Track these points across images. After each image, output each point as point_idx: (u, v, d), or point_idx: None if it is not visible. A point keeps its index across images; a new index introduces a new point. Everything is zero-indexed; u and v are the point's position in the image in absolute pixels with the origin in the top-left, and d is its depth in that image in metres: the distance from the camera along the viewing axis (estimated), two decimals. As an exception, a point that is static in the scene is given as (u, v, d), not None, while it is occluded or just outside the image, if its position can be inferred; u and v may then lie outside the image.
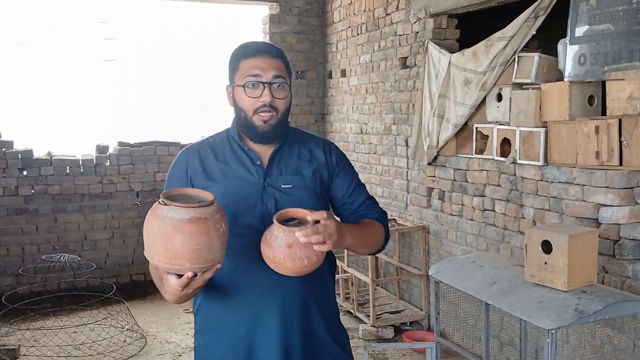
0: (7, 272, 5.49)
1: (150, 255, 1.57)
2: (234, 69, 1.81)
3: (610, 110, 3.05)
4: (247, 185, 1.79)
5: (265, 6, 6.48)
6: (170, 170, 1.89)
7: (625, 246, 2.91)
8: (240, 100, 1.78)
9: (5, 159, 5.47)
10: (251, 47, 1.81)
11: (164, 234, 1.53)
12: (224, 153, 1.84)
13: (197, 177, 1.81)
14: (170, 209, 1.56)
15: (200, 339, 1.89)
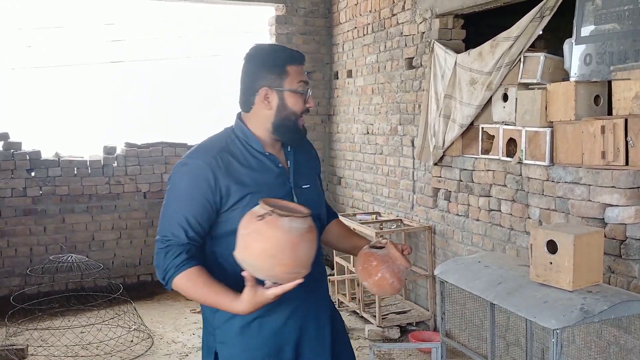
0: (15, 272, 5.53)
1: (268, 268, 1.58)
2: (280, 73, 1.81)
3: (616, 110, 3.04)
4: (279, 188, 1.84)
5: (272, 7, 6.50)
6: (184, 178, 1.80)
7: (631, 246, 2.91)
8: (293, 104, 1.82)
9: (13, 160, 5.52)
10: (295, 53, 1.87)
11: (291, 244, 1.57)
12: (246, 159, 1.83)
13: (230, 186, 1.77)
14: (291, 220, 1.59)
15: (229, 350, 1.84)
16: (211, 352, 1.88)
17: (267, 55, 1.85)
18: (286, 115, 1.83)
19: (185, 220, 1.75)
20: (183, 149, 6.12)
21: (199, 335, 4.69)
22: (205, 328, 1.94)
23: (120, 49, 6.75)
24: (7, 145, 5.55)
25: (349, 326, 4.75)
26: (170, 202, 1.81)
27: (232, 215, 1.77)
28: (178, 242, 1.74)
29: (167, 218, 1.79)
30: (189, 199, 1.76)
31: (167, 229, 1.77)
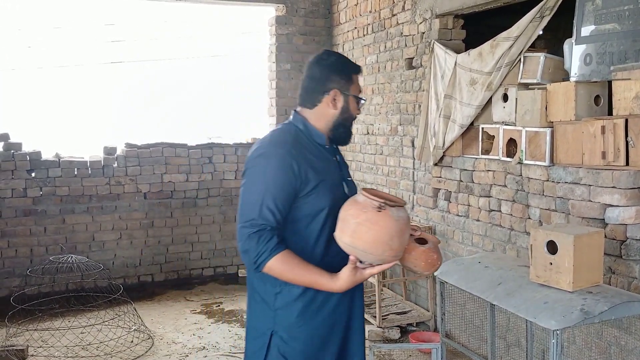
0: (16, 273, 5.53)
1: (379, 253, 1.78)
2: (348, 79, 2.05)
3: (617, 110, 3.03)
4: (338, 177, 2.08)
5: (272, 7, 6.50)
6: (268, 166, 1.93)
7: (631, 247, 2.90)
8: (353, 109, 2.08)
9: (13, 160, 5.51)
10: (354, 63, 2.10)
11: (400, 231, 1.79)
12: (313, 151, 2.03)
13: (308, 173, 1.95)
14: (397, 210, 1.80)
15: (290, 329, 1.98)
16: (266, 333, 2.00)
17: (338, 61, 2.07)
18: (346, 117, 2.07)
19: (274, 205, 1.89)
20: (183, 149, 6.12)
21: (199, 336, 4.69)
22: (259, 312, 2.04)
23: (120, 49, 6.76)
24: (7, 145, 5.55)
25: (349, 327, 4.75)
26: (254, 189, 1.92)
27: (307, 200, 1.95)
28: (267, 226, 1.88)
29: (253, 204, 1.90)
30: (275, 185, 1.90)
31: (254, 213, 1.89)
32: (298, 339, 1.99)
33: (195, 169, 6.18)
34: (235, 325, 4.92)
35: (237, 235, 1.92)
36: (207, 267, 6.31)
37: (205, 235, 6.27)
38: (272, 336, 1.99)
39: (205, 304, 5.50)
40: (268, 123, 6.76)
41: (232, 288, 6.00)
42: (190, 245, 6.22)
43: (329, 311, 2.02)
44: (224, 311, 5.29)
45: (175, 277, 6.16)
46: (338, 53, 2.16)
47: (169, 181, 6.08)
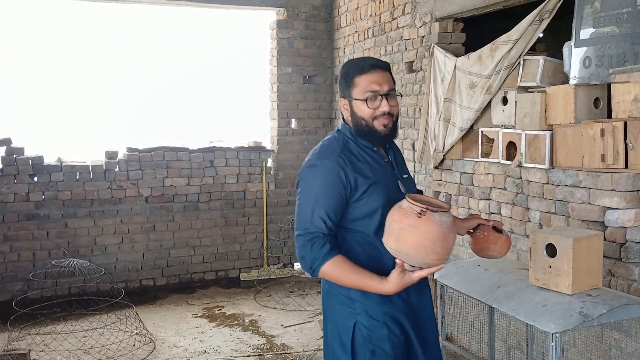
0: (18, 277, 5.55)
1: (422, 256, 1.85)
2: (349, 85, 2.12)
3: (616, 113, 3.04)
4: (390, 178, 2.14)
5: (273, 11, 6.52)
6: (317, 177, 2.04)
7: (631, 249, 2.90)
8: (361, 111, 2.10)
9: (16, 165, 5.54)
10: (364, 63, 2.13)
11: (443, 235, 1.85)
12: (362, 155, 2.12)
13: (357, 180, 2.04)
14: (440, 215, 1.86)
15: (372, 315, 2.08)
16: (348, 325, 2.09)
17: (343, 70, 2.16)
18: (357, 121, 2.12)
19: (325, 214, 2.01)
20: (185, 153, 6.14)
21: (200, 340, 4.70)
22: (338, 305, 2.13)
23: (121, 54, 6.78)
24: (9, 150, 5.57)
25: (350, 330, 4.75)
26: (306, 199, 2.05)
27: (358, 205, 2.06)
28: (320, 233, 2.00)
29: (306, 213, 2.03)
30: (325, 194, 2.02)
31: (308, 222, 2.02)
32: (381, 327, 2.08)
33: (197, 173, 6.20)
34: (237, 329, 4.92)
35: (295, 242, 2.07)
36: (209, 271, 6.33)
37: (207, 239, 6.29)
38: (355, 326, 2.09)
39: (207, 307, 5.51)
40: (269, 126, 6.77)
41: (234, 292, 6.01)
42: (191, 249, 6.24)
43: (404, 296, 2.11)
44: (225, 315, 5.30)
45: (176, 281, 6.17)
46: (350, 60, 2.19)
47: (170, 185, 6.09)
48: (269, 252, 6.53)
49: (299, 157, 6.65)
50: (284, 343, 4.61)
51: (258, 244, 6.51)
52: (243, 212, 6.43)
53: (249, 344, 4.59)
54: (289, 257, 6.63)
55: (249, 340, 4.67)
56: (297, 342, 4.63)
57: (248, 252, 6.49)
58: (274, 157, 6.60)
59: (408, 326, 2.12)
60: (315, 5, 6.54)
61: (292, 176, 6.63)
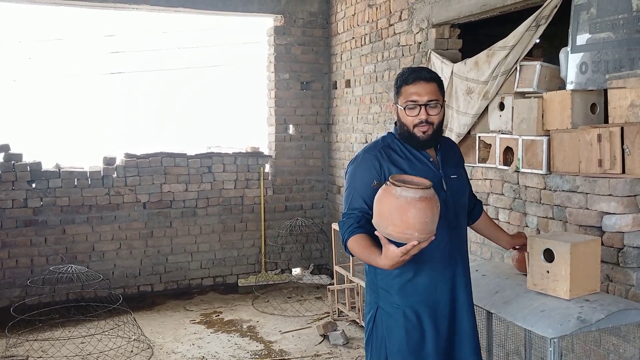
0: (16, 283, 5.54)
1: (384, 226, 2.00)
2: (397, 93, 2.34)
3: (612, 118, 3.05)
4: (431, 175, 2.28)
5: (270, 18, 6.54)
6: (357, 168, 2.32)
7: (629, 254, 2.91)
8: (403, 117, 2.31)
9: (14, 171, 5.54)
10: (410, 75, 2.31)
11: (400, 208, 1.96)
12: (405, 153, 2.34)
13: (391, 170, 2.27)
14: (403, 190, 1.99)
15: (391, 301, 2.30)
16: (373, 307, 2.37)
17: (396, 77, 2.36)
18: (401, 125, 2.34)
19: (360, 199, 2.26)
20: (182, 159, 6.15)
21: (198, 346, 4.69)
22: (369, 288, 2.41)
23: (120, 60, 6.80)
24: (8, 156, 5.57)
25: (349, 336, 4.75)
26: (348, 187, 2.33)
27: None
28: (354, 214, 2.25)
29: (346, 200, 2.32)
30: (362, 183, 2.27)
31: (346, 207, 2.30)
32: (399, 314, 2.30)
33: (195, 179, 6.20)
34: (235, 335, 4.92)
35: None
36: (207, 277, 6.32)
37: (205, 244, 6.28)
38: (377, 310, 2.35)
39: (205, 313, 5.50)
40: (267, 132, 6.78)
41: (232, 298, 6.00)
42: (189, 255, 6.23)
43: (423, 290, 2.30)
44: (223, 321, 5.29)
45: (174, 287, 6.16)
46: (406, 69, 2.37)
47: (168, 191, 6.09)
48: (267, 258, 6.53)
49: (296, 162, 6.66)
50: (282, 349, 4.60)
51: (256, 249, 6.51)
52: (241, 217, 6.43)
53: (247, 350, 4.58)
54: (287, 263, 6.62)
55: (247, 346, 4.66)
56: (295, 347, 4.62)
57: (246, 257, 6.49)
58: (272, 162, 6.61)
59: (426, 319, 2.30)
60: (313, 11, 6.57)
61: (289, 182, 6.64)
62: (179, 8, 6.09)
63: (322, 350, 4.56)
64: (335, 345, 4.62)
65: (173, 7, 6.07)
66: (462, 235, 2.50)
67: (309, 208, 6.74)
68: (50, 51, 6.69)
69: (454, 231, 2.39)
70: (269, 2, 6.38)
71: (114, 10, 6.17)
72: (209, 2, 6.14)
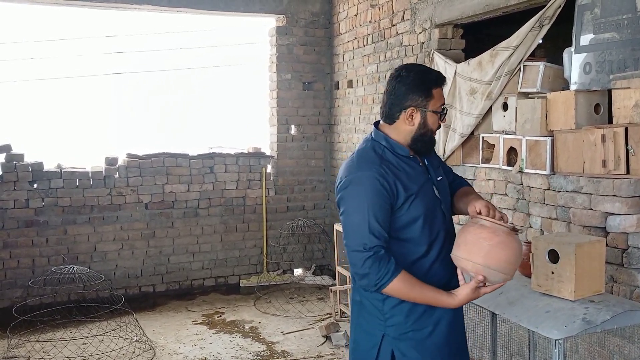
0: (18, 284, 5.53)
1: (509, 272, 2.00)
2: (427, 96, 2.09)
3: (617, 119, 3.04)
4: (427, 184, 2.15)
5: (272, 18, 6.53)
6: (370, 194, 2.01)
7: (633, 255, 2.90)
8: (432, 123, 2.13)
9: (15, 171, 5.53)
10: (439, 75, 2.14)
11: (519, 254, 2.03)
12: (400, 165, 2.11)
13: (398, 188, 2.04)
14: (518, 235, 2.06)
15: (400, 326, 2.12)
16: (377, 335, 2.15)
17: (417, 77, 2.10)
18: (425, 132, 2.12)
19: (379, 226, 2.01)
20: (184, 159, 6.14)
21: (200, 347, 4.68)
22: (369, 317, 2.18)
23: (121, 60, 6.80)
24: (9, 157, 5.57)
25: (351, 336, 4.73)
26: (357, 214, 2.02)
27: (401, 213, 2.06)
28: (381, 248, 2.00)
29: (361, 227, 2.01)
30: (375, 207, 2.00)
31: (365, 238, 2.00)
32: (410, 339, 2.12)
33: (197, 179, 6.19)
34: (237, 336, 4.91)
35: (351, 259, 2.04)
36: (209, 278, 6.31)
37: (207, 245, 6.28)
38: (384, 338, 2.14)
39: (207, 314, 5.49)
40: (269, 132, 6.78)
41: (234, 298, 5.99)
42: (191, 255, 6.22)
43: (429, 310, 2.12)
44: (225, 322, 5.28)
45: (176, 287, 6.16)
46: (419, 67, 2.17)
47: (170, 191, 6.08)
48: (269, 259, 6.52)
49: (298, 163, 6.65)
50: (284, 350, 4.59)
51: (258, 250, 6.50)
52: (243, 218, 6.42)
53: (249, 351, 4.57)
54: (289, 264, 6.61)
55: (249, 347, 4.65)
56: (297, 348, 4.61)
57: (248, 258, 6.48)
58: (274, 163, 6.60)
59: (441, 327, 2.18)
60: (315, 11, 6.56)
61: (291, 182, 6.63)
62: (181, 8, 6.08)
63: (325, 351, 4.55)
64: (338, 346, 4.61)
65: (175, 8, 6.06)
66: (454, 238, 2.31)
67: (311, 209, 6.73)
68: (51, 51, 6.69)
69: (450, 236, 2.21)
70: (271, 2, 6.38)
71: (116, 11, 6.17)
72: (210, 3, 6.13)
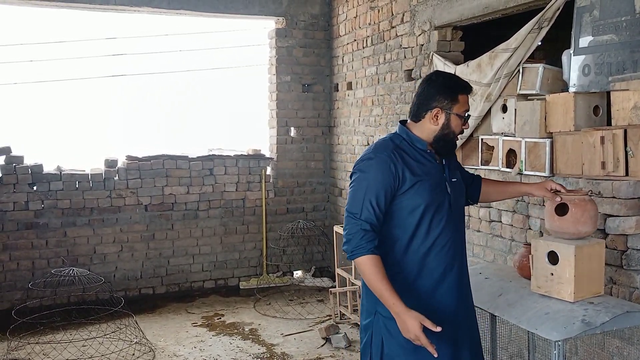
0: (17, 286, 5.53)
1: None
2: (453, 99, 2.30)
3: (616, 121, 3.05)
4: (438, 177, 2.32)
5: (272, 20, 6.54)
6: (375, 171, 2.24)
7: (632, 257, 2.90)
8: (456, 126, 2.32)
9: (15, 174, 5.53)
10: (467, 85, 2.36)
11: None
12: (414, 155, 2.31)
13: (405, 174, 2.24)
14: None
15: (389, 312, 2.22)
16: (371, 313, 2.32)
17: (446, 82, 2.33)
18: (447, 133, 2.32)
19: (375, 202, 2.21)
20: (184, 161, 6.14)
21: (200, 349, 4.68)
22: (367, 293, 2.34)
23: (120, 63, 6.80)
24: (9, 159, 5.57)
25: (351, 338, 4.74)
26: (360, 186, 2.25)
27: (404, 197, 2.25)
28: (367, 223, 2.19)
29: (358, 200, 2.24)
30: (376, 184, 2.22)
31: (358, 208, 2.22)
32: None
33: (196, 181, 6.19)
34: (237, 338, 4.91)
35: (345, 222, 2.27)
36: (208, 280, 6.31)
37: (206, 247, 6.28)
38: (376, 314, 2.30)
39: (207, 316, 5.49)
40: (269, 134, 6.78)
41: (234, 300, 5.99)
42: (191, 257, 6.22)
43: (428, 293, 2.28)
44: (225, 324, 5.28)
45: (176, 289, 6.15)
46: (449, 74, 2.40)
47: (169, 193, 6.09)
48: (269, 261, 6.52)
49: (298, 164, 6.65)
50: (284, 352, 4.59)
51: (257, 252, 6.50)
52: (242, 220, 6.43)
53: (249, 353, 4.57)
54: (289, 266, 6.62)
55: (249, 349, 4.65)
56: (297, 350, 4.61)
57: (247, 260, 6.48)
58: (273, 165, 6.60)
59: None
60: (314, 14, 6.57)
61: (291, 184, 6.63)
62: (180, 10, 6.09)
63: (324, 353, 4.55)
64: (338, 348, 4.61)
65: (174, 10, 6.07)
66: (463, 239, 2.47)
67: (311, 210, 6.73)
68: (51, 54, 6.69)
69: (457, 234, 2.39)
70: (271, 5, 6.39)
71: (115, 13, 6.17)
72: (210, 5, 6.14)
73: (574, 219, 2.47)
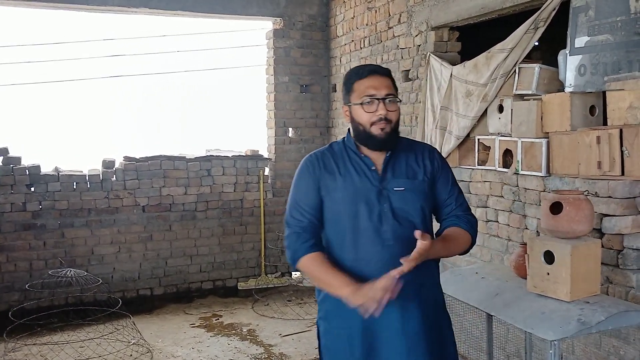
0: (15, 287, 5.52)
1: None
2: (349, 91, 2.16)
3: (611, 120, 3.06)
4: (366, 189, 2.12)
5: (269, 21, 6.55)
6: (297, 177, 2.22)
7: (628, 256, 2.91)
8: (359, 116, 2.12)
9: (13, 175, 5.53)
10: (363, 69, 2.17)
11: None
12: (344, 160, 2.18)
13: (324, 180, 2.15)
14: None
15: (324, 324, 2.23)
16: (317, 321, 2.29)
17: (345, 77, 2.21)
18: (355, 126, 2.15)
19: (300, 207, 2.16)
20: (182, 162, 6.14)
21: (198, 350, 4.68)
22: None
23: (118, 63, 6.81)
24: (6, 160, 5.56)
25: (348, 339, 4.74)
26: (292, 190, 2.23)
27: (326, 204, 2.15)
28: (298, 227, 2.14)
29: (288, 208, 2.22)
30: (299, 190, 2.19)
31: (288, 215, 2.19)
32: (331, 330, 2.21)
33: (194, 182, 6.19)
34: (235, 339, 4.91)
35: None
36: (206, 281, 6.31)
37: (204, 248, 6.27)
38: (318, 322, 2.27)
39: (204, 317, 5.49)
40: (267, 135, 6.78)
41: (231, 301, 5.99)
42: (189, 258, 6.22)
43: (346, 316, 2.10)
44: (223, 324, 5.28)
45: (174, 290, 6.15)
46: (352, 68, 2.24)
47: (167, 194, 6.08)
48: (267, 261, 6.52)
49: (296, 165, 6.58)
50: (282, 352, 4.59)
51: (256, 252, 6.50)
52: (240, 221, 6.42)
53: (247, 354, 4.57)
54: (287, 266, 6.61)
55: (247, 350, 4.65)
56: (295, 351, 4.62)
57: (245, 261, 6.47)
58: (272, 165, 6.60)
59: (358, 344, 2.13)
60: (312, 14, 6.57)
61: (289, 185, 6.59)
62: (178, 11, 6.09)
63: (322, 353, 4.55)
64: (335, 349, 4.61)
65: (172, 11, 6.07)
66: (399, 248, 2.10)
67: (309, 211, 6.72)
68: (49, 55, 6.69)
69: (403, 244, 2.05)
70: (268, 6, 6.39)
71: (113, 14, 6.17)
72: (208, 6, 6.14)
73: (569, 218, 2.47)
